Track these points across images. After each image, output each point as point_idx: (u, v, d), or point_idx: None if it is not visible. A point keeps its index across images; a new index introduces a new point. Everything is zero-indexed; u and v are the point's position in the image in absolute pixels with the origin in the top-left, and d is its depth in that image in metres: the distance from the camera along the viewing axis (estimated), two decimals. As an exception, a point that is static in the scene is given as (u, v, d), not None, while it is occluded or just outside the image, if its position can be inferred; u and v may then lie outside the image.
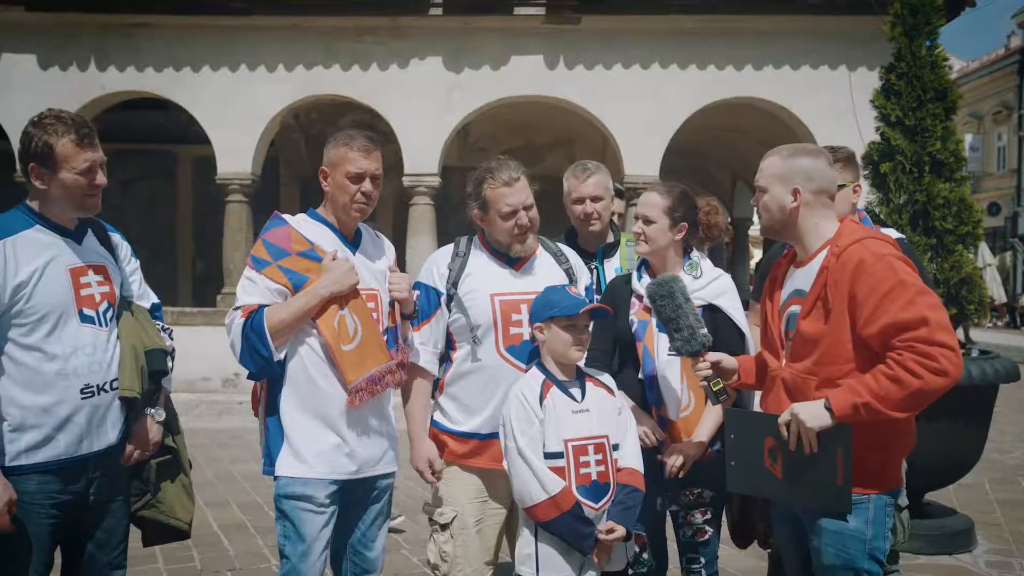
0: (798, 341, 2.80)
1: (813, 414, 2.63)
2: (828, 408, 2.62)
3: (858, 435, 2.64)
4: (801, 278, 2.87)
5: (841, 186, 3.69)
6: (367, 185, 3.17)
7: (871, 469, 2.72)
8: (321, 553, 3.09)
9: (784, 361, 2.89)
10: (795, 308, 2.86)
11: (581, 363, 3.21)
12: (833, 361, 2.70)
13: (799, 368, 2.79)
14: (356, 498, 3.21)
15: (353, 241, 3.25)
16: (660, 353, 3.29)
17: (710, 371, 3.00)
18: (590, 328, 3.13)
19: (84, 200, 2.93)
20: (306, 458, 3.06)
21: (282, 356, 3.03)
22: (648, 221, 3.36)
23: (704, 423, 3.30)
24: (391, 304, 3.26)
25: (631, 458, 3.12)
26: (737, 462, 2.91)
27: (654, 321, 3.29)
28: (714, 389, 2.99)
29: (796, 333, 2.81)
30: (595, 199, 3.91)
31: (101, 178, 2.95)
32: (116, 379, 2.98)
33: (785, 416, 2.69)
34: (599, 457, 3.03)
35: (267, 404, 3.14)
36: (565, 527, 2.96)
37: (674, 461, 3.23)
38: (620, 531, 3.01)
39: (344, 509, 3.18)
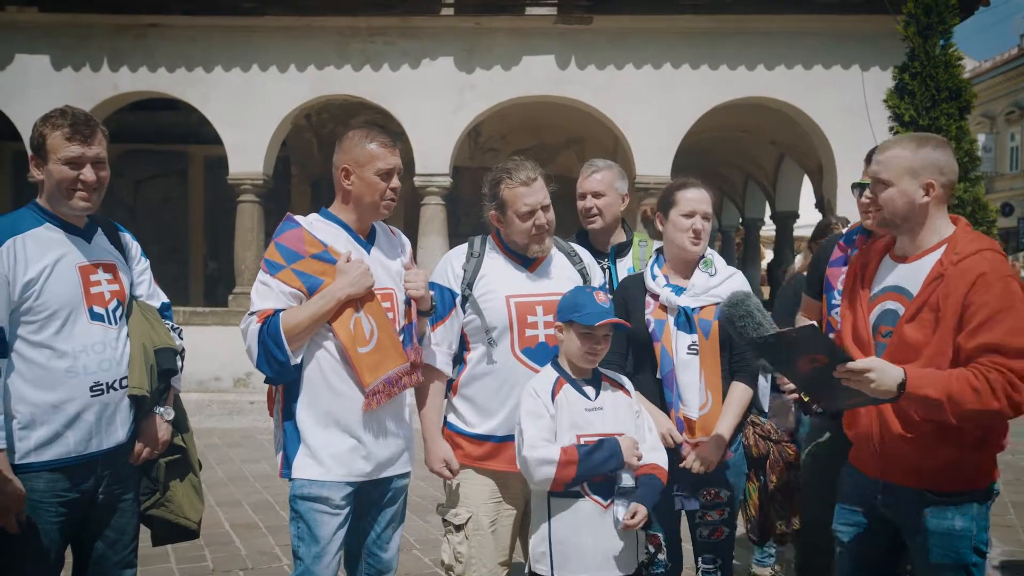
0: (898, 343, 2.71)
1: (884, 383, 2.52)
2: (901, 385, 2.52)
3: (959, 437, 2.63)
4: (905, 275, 2.77)
5: None
6: (395, 181, 3.16)
7: (972, 469, 2.71)
8: (335, 555, 3.08)
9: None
10: (890, 304, 2.78)
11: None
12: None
13: None
14: (371, 500, 3.19)
15: (368, 239, 3.22)
16: (679, 352, 3.27)
17: None
18: (609, 337, 3.09)
19: (68, 193, 2.90)
20: (323, 460, 3.04)
21: (299, 360, 3.01)
22: (706, 217, 3.37)
23: (723, 424, 3.28)
24: (407, 302, 3.23)
25: (654, 455, 3.10)
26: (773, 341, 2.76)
27: (671, 320, 3.28)
28: (805, 399, 2.91)
29: (897, 335, 2.72)
30: (596, 195, 3.89)
31: (88, 174, 2.91)
32: (126, 377, 2.98)
33: (863, 365, 2.54)
34: None
35: (283, 407, 3.11)
36: (589, 470, 2.94)
37: (697, 465, 3.23)
38: (643, 511, 2.98)
39: (359, 511, 3.17)
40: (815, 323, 2.86)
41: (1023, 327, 2.52)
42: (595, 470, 2.96)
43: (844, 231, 3.93)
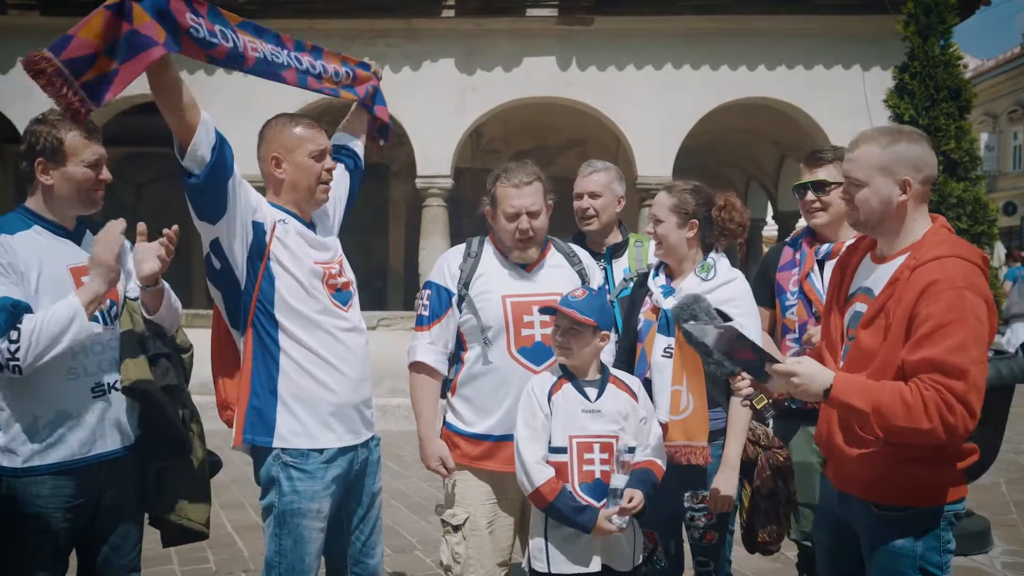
0: (856, 349, 2.58)
1: (810, 389, 2.43)
2: (827, 391, 2.41)
3: (907, 451, 2.47)
4: (875, 276, 2.60)
5: None
6: (330, 161, 3.12)
7: (920, 487, 2.53)
8: (316, 571, 3.01)
9: (841, 365, 2.64)
10: (859, 306, 2.63)
11: (606, 360, 3.23)
12: (882, 380, 2.46)
13: None
14: (349, 512, 3.14)
15: (311, 225, 3.15)
16: (655, 354, 3.25)
17: (750, 389, 2.73)
18: (574, 332, 3.04)
19: (90, 195, 2.94)
20: (314, 427, 2.94)
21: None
22: (657, 221, 3.36)
23: (730, 449, 3.24)
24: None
25: (655, 456, 3.12)
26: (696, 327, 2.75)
27: (657, 323, 3.28)
28: (758, 407, 2.74)
29: (855, 341, 2.58)
30: (593, 195, 3.90)
31: (106, 174, 2.97)
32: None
33: (788, 369, 2.46)
34: (604, 456, 3.03)
35: (252, 380, 2.98)
36: (557, 513, 3.00)
37: (720, 505, 3.23)
38: (639, 496, 2.99)
39: (339, 525, 3.10)
40: (733, 325, 2.81)
41: (967, 344, 2.32)
42: (561, 520, 3.01)
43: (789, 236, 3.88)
